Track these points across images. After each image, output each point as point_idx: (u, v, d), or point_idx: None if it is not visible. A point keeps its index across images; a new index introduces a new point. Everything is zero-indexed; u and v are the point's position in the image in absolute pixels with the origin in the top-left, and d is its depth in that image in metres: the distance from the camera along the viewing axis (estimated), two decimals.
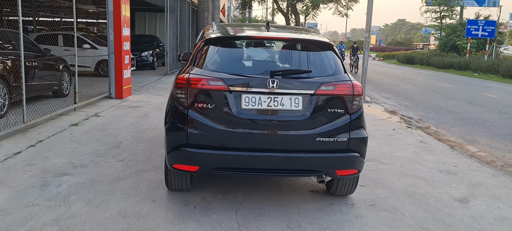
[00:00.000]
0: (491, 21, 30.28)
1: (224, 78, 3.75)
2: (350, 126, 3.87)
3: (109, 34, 10.31)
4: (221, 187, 4.59)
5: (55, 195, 4.22)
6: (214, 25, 4.63)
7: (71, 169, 5.02)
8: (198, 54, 4.07)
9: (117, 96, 10.50)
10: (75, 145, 6.05)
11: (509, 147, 7.65)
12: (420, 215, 4.19)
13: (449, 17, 39.76)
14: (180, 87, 3.85)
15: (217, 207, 4.13)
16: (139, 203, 4.13)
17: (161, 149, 6.01)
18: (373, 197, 4.60)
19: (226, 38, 4.20)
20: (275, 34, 4.27)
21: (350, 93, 3.87)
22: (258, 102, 3.74)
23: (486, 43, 30.46)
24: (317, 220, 3.96)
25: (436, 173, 5.58)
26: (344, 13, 25.55)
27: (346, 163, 3.89)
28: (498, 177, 5.61)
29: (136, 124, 7.62)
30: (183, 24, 19.46)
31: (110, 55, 10.39)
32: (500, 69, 24.65)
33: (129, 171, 5.04)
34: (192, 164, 3.84)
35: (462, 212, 4.33)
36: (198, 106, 3.77)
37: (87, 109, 8.75)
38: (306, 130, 3.78)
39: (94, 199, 4.17)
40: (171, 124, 3.92)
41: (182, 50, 19.59)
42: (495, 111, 11.59)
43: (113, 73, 10.48)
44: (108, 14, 10.22)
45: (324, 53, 4.10)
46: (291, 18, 34.44)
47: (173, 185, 4.30)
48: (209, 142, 3.78)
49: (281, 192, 4.60)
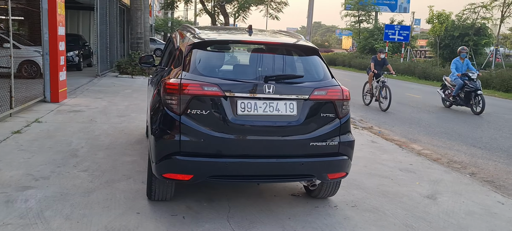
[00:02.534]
0: (406, 26, 32.56)
1: (219, 83, 3.65)
2: (340, 130, 3.95)
3: (43, 33, 9.55)
4: (203, 195, 4.46)
5: (26, 212, 3.83)
6: (194, 28, 4.48)
7: (33, 181, 4.60)
8: (185, 58, 3.91)
9: (52, 100, 9.78)
10: (27, 154, 5.55)
11: (448, 144, 8.26)
12: (400, 214, 4.38)
13: (366, 22, 42.04)
14: (170, 93, 3.68)
15: (206, 215, 4.00)
16: (123, 216, 3.88)
17: (124, 156, 5.71)
18: (352, 198, 4.74)
19: (216, 42, 4.08)
20: (266, 39, 4.24)
21: (340, 98, 3.94)
22: (254, 108, 3.69)
23: (402, 47, 32.64)
24: (309, 224, 3.99)
25: (398, 172, 5.88)
26: (274, 16, 26.05)
27: (337, 166, 3.97)
28: (450, 173, 6.04)
29: (84, 130, 7.15)
30: (111, 23, 18.60)
31: (45, 56, 9.64)
32: (416, 71, 26.55)
33: (98, 181, 4.72)
34: (185, 172, 3.69)
35: (435, 208, 4.60)
36: (191, 113, 3.63)
37: (25, 115, 8.06)
38: (300, 134, 3.79)
39: (72, 214, 3.85)
40: (160, 131, 3.73)
41: (112, 50, 18.75)
42: (424, 111, 12.45)
43: (48, 75, 9.74)
44: (42, 11, 9.48)
45: (312, 58, 4.14)
46: (218, 19, 34.35)
47: (157, 195, 4.10)
48: (203, 149, 3.66)
49: (263, 197, 4.57)
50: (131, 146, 6.31)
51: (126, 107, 9.62)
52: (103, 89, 12.57)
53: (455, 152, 7.61)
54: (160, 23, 47.60)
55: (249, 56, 4.00)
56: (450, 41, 35.22)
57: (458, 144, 8.27)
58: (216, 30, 4.64)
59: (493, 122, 11.08)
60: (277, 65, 4.03)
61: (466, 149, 7.87)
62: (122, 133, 7.07)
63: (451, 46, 35.44)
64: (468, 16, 36.40)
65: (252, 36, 4.23)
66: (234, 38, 4.20)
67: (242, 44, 4.13)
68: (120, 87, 13.25)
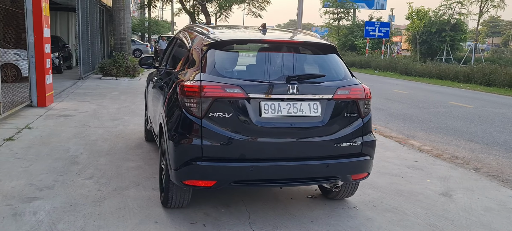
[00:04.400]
0: (385, 22, 32.92)
1: (241, 84, 3.50)
2: (363, 130, 3.86)
3: (28, 35, 9.20)
4: (218, 200, 4.30)
5: (37, 225, 3.61)
6: (206, 27, 4.31)
7: (37, 192, 4.36)
8: (202, 58, 3.73)
9: (39, 104, 9.43)
10: (24, 163, 5.28)
11: (445, 139, 8.29)
12: (420, 213, 4.31)
13: (345, 19, 42.37)
14: (190, 96, 3.51)
15: (227, 222, 3.85)
16: (140, 226, 3.69)
17: (127, 162, 5.49)
18: (368, 198, 4.65)
19: (234, 41, 3.93)
20: (284, 37, 4.11)
21: (362, 97, 3.85)
22: (278, 109, 3.56)
23: (382, 43, 33.02)
24: (333, 227, 3.88)
25: (406, 169, 5.83)
26: (257, 14, 25.90)
27: (360, 167, 3.87)
28: (457, 170, 6.03)
29: (79, 135, 6.89)
30: (93, 24, 18.16)
31: (30, 59, 9.29)
32: (397, 67, 26.85)
33: (106, 189, 4.51)
34: (208, 178, 3.53)
35: (453, 206, 4.56)
36: (213, 116, 3.47)
37: (13, 121, 7.72)
38: (325, 135, 3.68)
39: (86, 226, 3.64)
40: (180, 136, 3.55)
41: (94, 52, 18.30)
42: (415, 107, 12.53)
43: (34, 79, 9.38)
44: (27, 13, 9.11)
45: (331, 56, 4.03)
46: (198, 19, 34.00)
47: (173, 202, 3.92)
48: (226, 153, 3.51)
49: (280, 200, 4.44)
50: (131, 150, 6.10)
51: (117, 111, 9.34)
52: (89, 92, 12.22)
53: (455, 147, 7.63)
54: (136, 23, 46.96)
55: (267, 56, 3.85)
56: (428, 37, 35.85)
57: (455, 139, 8.31)
58: (228, 29, 4.47)
59: (484, 116, 11.22)
60: (297, 64, 3.90)
61: (465, 144, 7.91)
62: (119, 137, 6.83)
63: (428, 42, 36.10)
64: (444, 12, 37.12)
65: (268, 35, 4.09)
66: (252, 37, 4.05)
67: (261, 43, 3.97)
68: (106, 90, 12.91)
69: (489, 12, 31.59)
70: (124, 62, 16.05)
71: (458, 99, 14.88)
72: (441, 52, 36.65)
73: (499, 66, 20.73)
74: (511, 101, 14.88)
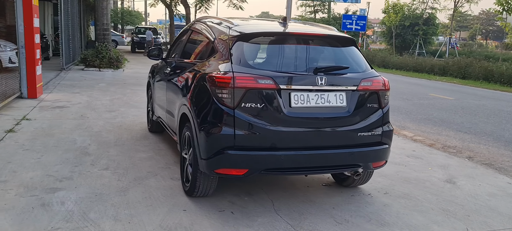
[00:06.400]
0: (363, 16, 33.41)
1: (273, 76, 3.62)
2: (383, 120, 4.04)
3: (18, 25, 9.00)
4: (237, 189, 4.41)
5: (69, 215, 3.63)
6: (228, 19, 4.39)
7: (57, 182, 4.36)
8: (231, 50, 3.82)
9: (30, 95, 9.27)
10: (35, 154, 5.24)
11: (435, 130, 8.62)
12: (431, 199, 4.54)
13: (321, 11, 42.75)
14: (221, 86, 3.60)
15: (254, 210, 3.97)
16: (171, 214, 3.77)
17: (138, 153, 5.53)
18: (379, 185, 4.85)
19: (262, 34, 4.02)
20: (309, 30, 4.23)
21: (382, 88, 4.03)
22: (306, 100, 3.69)
23: (359, 36, 33.53)
24: (355, 212, 4.05)
25: (406, 158, 6.08)
26: (238, 6, 25.85)
27: (380, 155, 4.05)
28: (453, 158, 6.33)
29: (80, 126, 6.85)
30: (73, 15, 17.80)
31: (20, 50, 9.10)
32: (375, 60, 27.39)
33: (126, 179, 4.55)
34: (240, 167, 3.63)
35: (459, 192, 4.81)
36: (245, 106, 3.57)
37: (7, 113, 7.59)
38: (350, 125, 3.84)
39: (119, 215, 3.69)
40: (212, 126, 3.64)
41: (74, 43, 17.95)
42: (399, 99, 12.89)
43: (24, 70, 9.20)
44: (17, 2, 8.92)
45: (351, 49, 4.19)
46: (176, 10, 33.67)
47: (200, 191, 4.01)
48: (258, 143, 3.62)
49: (298, 188, 4.59)
50: (138, 141, 6.12)
51: (110, 102, 9.28)
52: (75, 84, 12.05)
53: (446, 137, 7.95)
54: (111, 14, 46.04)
55: (293, 48, 3.97)
56: (402, 31, 36.63)
57: (445, 130, 8.64)
58: (248, 21, 4.56)
59: (466, 107, 11.67)
60: (322, 56, 4.04)
61: (454, 134, 8.25)
62: (122, 129, 6.83)
63: (402, 35, 36.89)
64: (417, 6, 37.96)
65: (291, 28, 4.21)
66: (278, 29, 4.16)
67: (286, 36, 4.07)
68: (92, 81, 12.75)
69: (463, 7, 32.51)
70: (107, 53, 15.84)
71: (438, 91, 15.38)
72: (414, 45, 37.56)
73: (474, 59, 21.46)
74: (489, 94, 15.50)
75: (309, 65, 3.84)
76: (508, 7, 19.31)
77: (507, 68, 18.32)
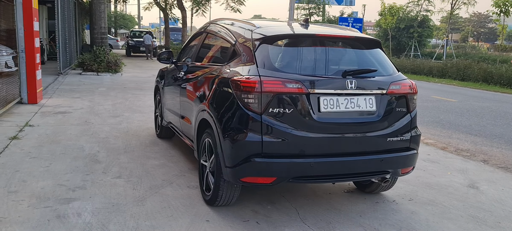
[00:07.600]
0: (359, 18, 33.36)
1: (301, 80, 3.46)
2: (411, 124, 3.89)
3: (18, 29, 8.78)
4: (259, 197, 4.25)
5: (88, 228, 3.45)
6: (249, 21, 4.22)
7: (70, 192, 4.17)
8: (255, 53, 3.65)
9: (30, 101, 9.05)
10: (43, 162, 5.04)
11: (445, 133, 8.51)
12: (458, 205, 4.40)
13: (316, 14, 42.68)
14: (247, 91, 3.43)
15: (279, 219, 3.81)
16: (194, 226, 3.59)
17: (149, 160, 5.35)
18: (402, 191, 4.71)
19: (286, 36, 3.85)
20: (334, 32, 4.08)
21: (411, 92, 3.89)
22: (336, 104, 3.54)
23: None
24: (383, 221, 3.90)
25: (424, 163, 5.94)
26: (236, 9, 25.68)
27: (409, 161, 3.91)
28: (469, 162, 6.20)
29: (86, 132, 6.64)
30: (69, 18, 17.55)
31: (20, 54, 8.87)
32: None
33: (141, 188, 4.37)
34: (268, 175, 3.47)
35: (485, 198, 4.67)
36: (273, 111, 3.41)
37: (9, 119, 7.37)
38: (379, 130, 3.69)
39: (140, 227, 3.51)
40: (237, 132, 3.47)
41: (71, 47, 17.70)
42: None
43: (24, 75, 8.98)
44: (16, 5, 8.70)
45: (377, 51, 4.04)
46: (171, 13, 33.48)
47: (222, 200, 3.84)
48: (287, 149, 3.45)
49: (320, 195, 4.44)
50: (148, 148, 5.94)
51: (113, 107, 9.08)
52: (75, 88, 11.82)
53: (457, 140, 7.84)
54: None
55: (318, 50, 3.80)
56: (397, 33, 36.74)
57: (454, 133, 8.53)
58: (269, 23, 4.39)
59: (471, 109, 11.60)
60: (349, 59, 3.89)
61: (465, 137, 8.14)
62: (129, 135, 6.64)
63: (397, 38, 36.99)
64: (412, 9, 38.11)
65: (314, 29, 4.05)
66: (303, 32, 3.99)
67: (311, 38, 3.90)
68: (91, 86, 12.53)
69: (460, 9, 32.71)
70: (105, 57, 15.61)
71: (439, 93, 15.32)
72: (408, 48, 37.66)
73: (473, 61, 21.47)
74: (490, 95, 15.47)
75: (337, 68, 3.69)
76: (505, 9, 19.33)
77: (506, 70, 18.33)
